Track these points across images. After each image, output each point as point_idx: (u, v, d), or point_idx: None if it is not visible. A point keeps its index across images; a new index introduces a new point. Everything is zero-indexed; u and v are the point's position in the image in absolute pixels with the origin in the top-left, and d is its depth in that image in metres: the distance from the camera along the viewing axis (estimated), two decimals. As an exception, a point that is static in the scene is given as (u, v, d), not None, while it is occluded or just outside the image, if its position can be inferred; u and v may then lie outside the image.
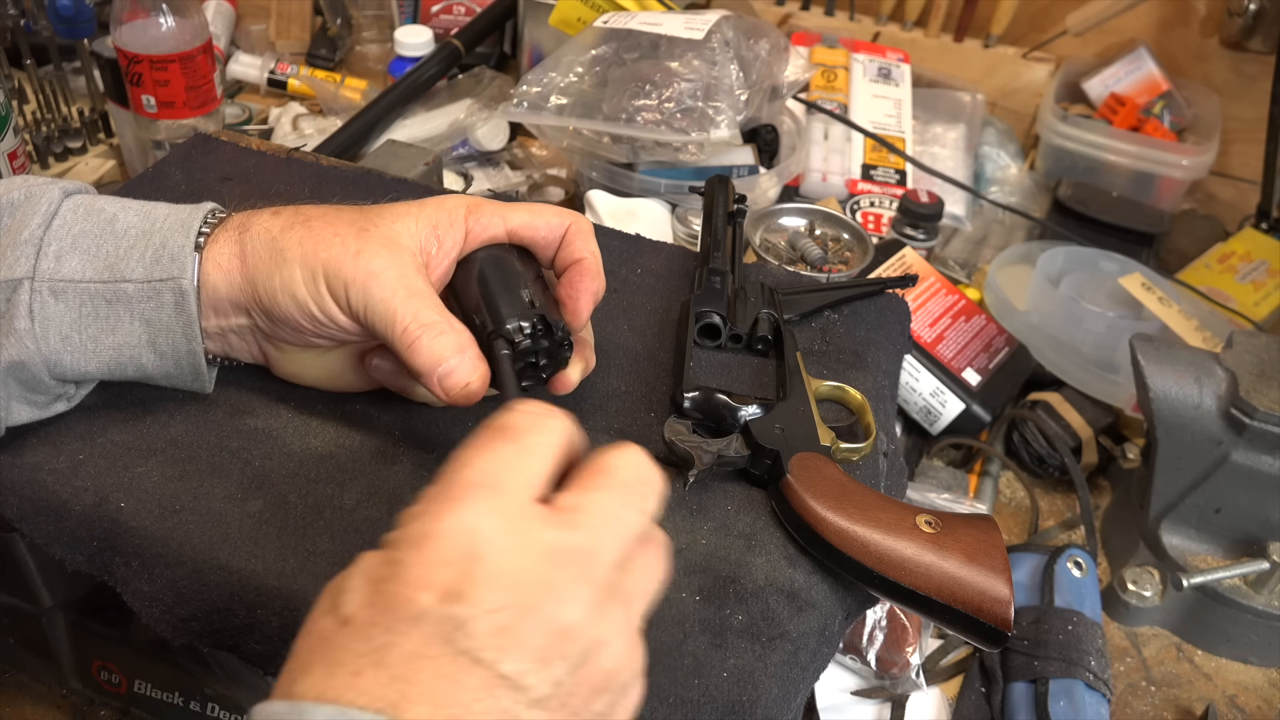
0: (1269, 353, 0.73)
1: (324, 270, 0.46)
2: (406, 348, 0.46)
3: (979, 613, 0.45)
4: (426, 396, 0.53)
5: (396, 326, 0.46)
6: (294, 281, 0.46)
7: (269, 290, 0.47)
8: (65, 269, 0.47)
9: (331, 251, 0.46)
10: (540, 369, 0.50)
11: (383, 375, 0.52)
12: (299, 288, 0.46)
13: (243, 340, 0.51)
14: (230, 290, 0.48)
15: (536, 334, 0.48)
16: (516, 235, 0.51)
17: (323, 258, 0.46)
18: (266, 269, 0.47)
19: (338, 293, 0.46)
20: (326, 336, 0.49)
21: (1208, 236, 1.16)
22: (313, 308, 0.47)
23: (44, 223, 0.47)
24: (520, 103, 0.96)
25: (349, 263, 0.46)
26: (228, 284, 0.48)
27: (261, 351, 0.52)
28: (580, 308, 0.51)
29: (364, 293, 0.46)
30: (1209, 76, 1.26)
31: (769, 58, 0.98)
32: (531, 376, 0.50)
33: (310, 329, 0.48)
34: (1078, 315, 0.90)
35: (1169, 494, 0.75)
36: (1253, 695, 0.73)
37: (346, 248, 0.46)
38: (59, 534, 0.49)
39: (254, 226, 0.48)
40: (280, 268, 0.47)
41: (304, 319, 0.47)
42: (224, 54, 1.23)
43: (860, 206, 1.10)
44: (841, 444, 0.53)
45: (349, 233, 0.47)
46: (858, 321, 0.65)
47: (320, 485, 0.50)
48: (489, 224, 0.51)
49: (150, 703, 0.62)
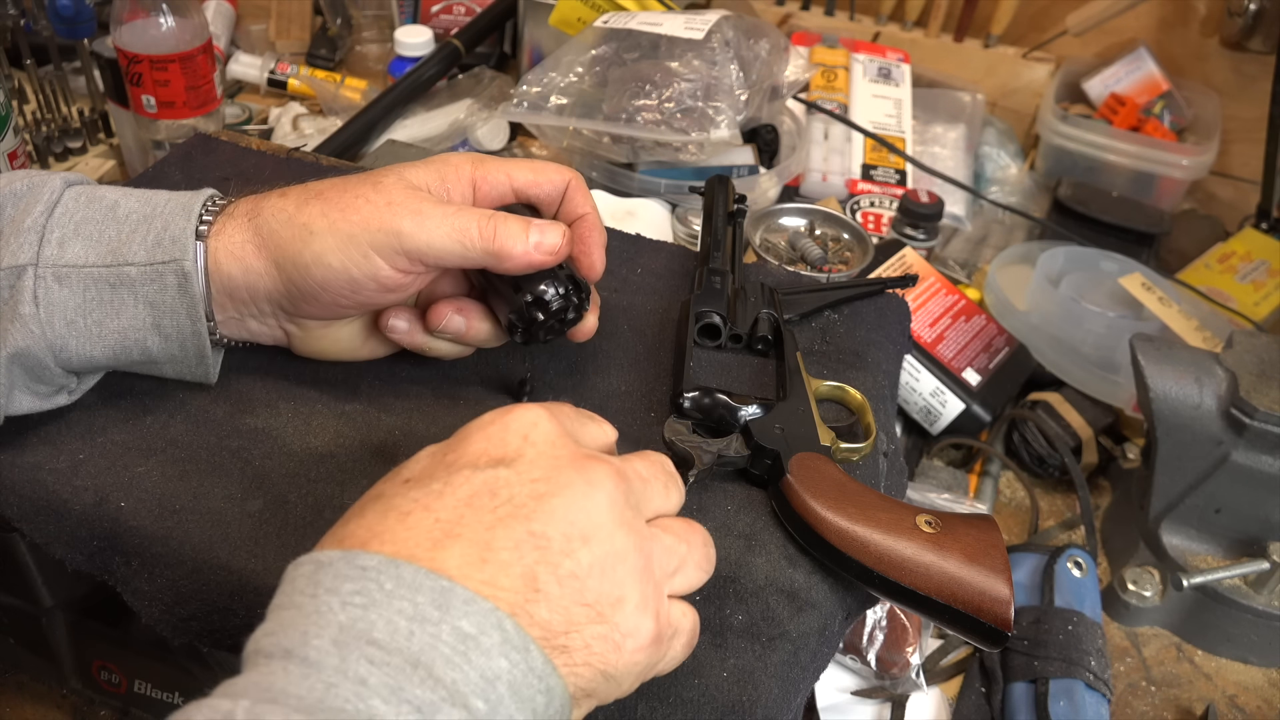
0: (1269, 353, 0.73)
1: (363, 233, 0.47)
2: (491, 243, 0.47)
3: (979, 613, 0.45)
4: (441, 349, 0.54)
5: (470, 235, 0.47)
6: (326, 251, 0.47)
7: (300, 267, 0.47)
8: (68, 254, 0.47)
9: (362, 214, 0.47)
10: (565, 322, 0.52)
11: (400, 335, 0.52)
12: (332, 257, 0.47)
13: (263, 324, 0.52)
14: (248, 277, 0.48)
15: (569, 294, 0.51)
16: (523, 193, 0.53)
17: (355, 221, 0.47)
18: (293, 247, 0.47)
19: (388, 246, 0.47)
20: (360, 302, 0.50)
21: (1208, 236, 1.16)
22: (353, 271, 0.47)
23: (46, 210, 0.48)
24: (520, 103, 0.96)
25: (387, 215, 0.47)
26: (244, 271, 0.48)
27: (284, 331, 0.53)
28: (595, 262, 0.53)
29: (419, 230, 0.47)
30: (1209, 76, 1.26)
31: (769, 58, 0.98)
32: (556, 331, 0.52)
33: (347, 295, 0.49)
34: (1078, 315, 0.90)
35: (1169, 494, 0.75)
36: (1253, 695, 0.73)
37: (375, 205, 0.47)
38: (59, 534, 0.49)
39: (265, 210, 0.49)
40: (308, 242, 0.47)
41: (343, 286, 0.48)
42: (224, 54, 1.23)
43: (860, 206, 1.10)
44: (841, 444, 0.53)
45: (368, 192, 0.48)
46: (858, 321, 0.65)
47: (320, 485, 0.50)
48: (495, 179, 0.52)
49: (150, 703, 0.62)
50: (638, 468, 0.40)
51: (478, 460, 0.36)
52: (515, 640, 0.32)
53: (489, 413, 0.39)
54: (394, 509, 0.35)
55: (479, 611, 0.32)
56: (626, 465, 0.40)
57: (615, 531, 0.36)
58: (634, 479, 0.39)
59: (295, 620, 0.31)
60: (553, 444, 0.37)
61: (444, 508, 0.34)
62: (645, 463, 0.41)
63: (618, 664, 0.36)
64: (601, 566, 0.35)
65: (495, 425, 0.38)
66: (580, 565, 0.35)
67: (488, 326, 0.53)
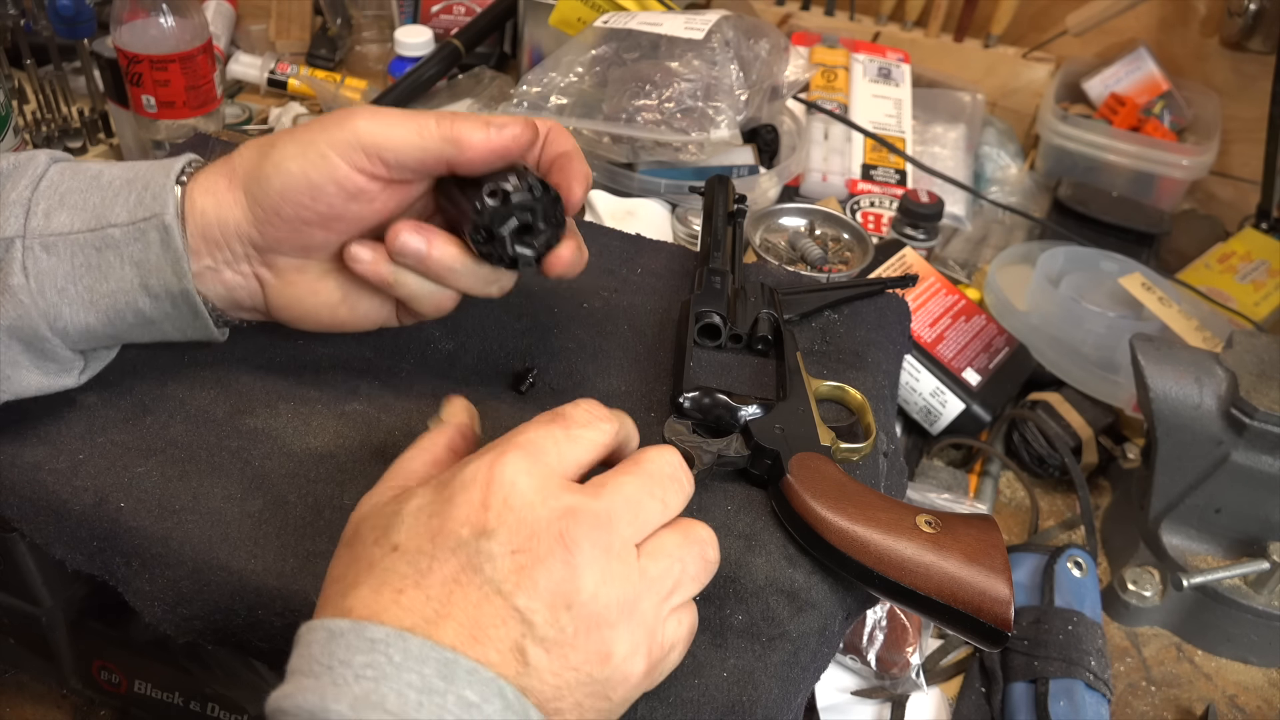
0: (1269, 353, 0.73)
1: (321, 134, 0.47)
2: (449, 130, 0.47)
3: (979, 613, 0.45)
4: (411, 285, 0.50)
5: (427, 126, 0.47)
6: (285, 158, 0.47)
7: (262, 179, 0.48)
8: (54, 224, 0.47)
9: (322, 122, 0.47)
10: (536, 234, 0.49)
11: (364, 266, 0.50)
12: (291, 162, 0.47)
13: (236, 271, 0.50)
14: (219, 209, 0.48)
15: (534, 192, 0.48)
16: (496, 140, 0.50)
17: (314, 127, 0.47)
18: (256, 164, 0.48)
19: (344, 143, 0.46)
20: (322, 212, 0.48)
21: (1208, 236, 1.16)
22: (311, 174, 0.47)
23: (31, 184, 0.48)
24: (520, 103, 0.96)
25: (345, 117, 0.47)
26: (215, 204, 0.48)
27: (259, 282, 0.51)
28: (574, 188, 0.50)
29: (375, 124, 0.46)
30: (1209, 76, 1.26)
31: (769, 58, 0.98)
32: (528, 244, 0.49)
33: (308, 205, 0.48)
34: (1078, 315, 0.90)
35: (1169, 494, 0.75)
36: (1253, 695, 0.73)
37: (335, 118, 0.47)
38: (59, 534, 0.49)
39: (240, 150, 0.50)
40: (269, 155, 0.48)
41: (303, 192, 0.47)
42: (224, 54, 1.23)
43: (860, 206, 1.10)
44: (841, 444, 0.53)
45: (331, 115, 0.48)
46: (858, 321, 0.65)
47: (320, 485, 0.50)
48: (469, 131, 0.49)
49: (150, 703, 0.62)
50: (628, 492, 0.40)
51: (461, 530, 0.37)
52: (515, 706, 0.34)
53: (473, 465, 0.39)
54: (388, 585, 0.36)
55: (481, 681, 0.34)
56: (613, 499, 0.39)
57: (599, 589, 0.37)
58: (620, 513, 0.39)
59: (314, 686, 0.34)
60: (532, 506, 0.37)
61: (433, 585, 0.36)
62: (637, 481, 0.41)
63: (609, 709, 0.38)
64: (586, 628, 0.37)
65: (477, 488, 0.38)
66: (565, 634, 0.36)
67: (453, 251, 0.49)
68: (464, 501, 0.38)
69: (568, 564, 0.37)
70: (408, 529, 0.38)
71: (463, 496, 0.38)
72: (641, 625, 0.38)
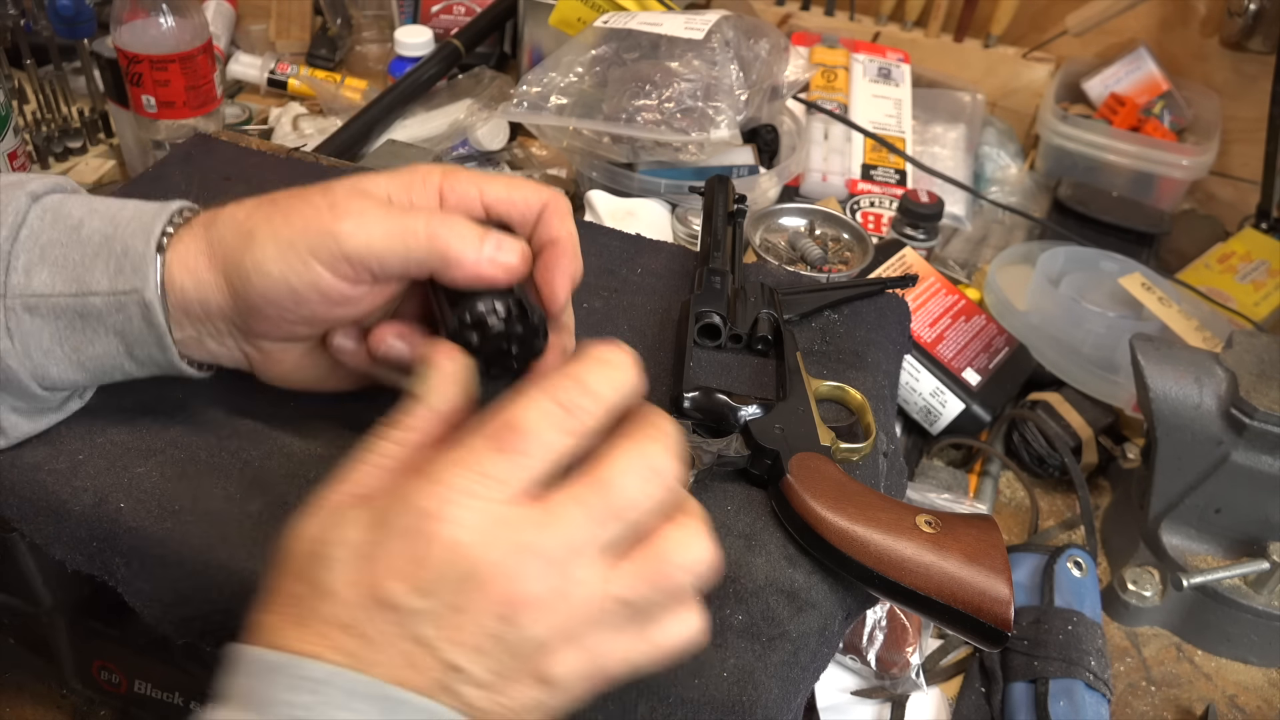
0: (1269, 353, 0.73)
1: (302, 238, 0.44)
2: (436, 242, 0.43)
3: (979, 613, 0.45)
4: (397, 375, 0.49)
5: (414, 234, 0.43)
6: (266, 259, 0.44)
7: (242, 275, 0.45)
8: (35, 283, 0.46)
9: (303, 217, 0.44)
10: (513, 357, 0.47)
11: (347, 355, 0.49)
12: (271, 264, 0.44)
13: (220, 344, 0.49)
14: (200, 290, 0.46)
15: (511, 319, 0.45)
16: (493, 209, 0.49)
17: (296, 225, 0.44)
18: (236, 255, 0.45)
19: (327, 250, 0.44)
20: (306, 317, 0.47)
21: (1208, 236, 1.16)
22: (292, 280, 0.44)
23: (11, 235, 0.46)
24: (520, 103, 0.96)
25: (329, 217, 0.44)
26: (196, 284, 0.46)
27: (243, 354, 0.50)
28: (557, 290, 0.48)
29: (359, 231, 0.43)
30: (1209, 76, 1.26)
31: (769, 58, 0.98)
32: (502, 365, 0.46)
33: (291, 309, 0.46)
34: (1078, 315, 0.90)
35: (1169, 494, 0.75)
36: (1253, 695, 0.73)
37: (318, 209, 0.45)
38: (59, 534, 0.49)
39: (220, 219, 0.47)
40: (249, 249, 0.45)
41: (285, 297, 0.45)
42: (224, 54, 1.23)
43: (860, 206, 1.10)
44: (841, 444, 0.53)
45: (315, 198, 0.45)
46: (858, 321, 0.65)
47: (320, 485, 0.50)
48: (463, 191, 0.48)
49: (150, 703, 0.62)
50: (580, 530, 0.36)
51: (396, 589, 0.34)
52: None
53: (418, 497, 0.35)
54: (310, 628, 0.35)
55: (424, 709, 0.34)
56: (570, 530, 0.36)
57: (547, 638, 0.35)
58: (581, 546, 0.36)
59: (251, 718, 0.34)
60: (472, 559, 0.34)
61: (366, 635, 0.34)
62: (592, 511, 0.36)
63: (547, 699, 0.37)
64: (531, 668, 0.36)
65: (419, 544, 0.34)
66: (503, 675, 0.35)
67: None
68: (401, 553, 0.35)
69: (510, 621, 0.34)
70: (344, 573, 0.35)
71: (401, 548, 0.35)
72: (589, 650, 0.36)
